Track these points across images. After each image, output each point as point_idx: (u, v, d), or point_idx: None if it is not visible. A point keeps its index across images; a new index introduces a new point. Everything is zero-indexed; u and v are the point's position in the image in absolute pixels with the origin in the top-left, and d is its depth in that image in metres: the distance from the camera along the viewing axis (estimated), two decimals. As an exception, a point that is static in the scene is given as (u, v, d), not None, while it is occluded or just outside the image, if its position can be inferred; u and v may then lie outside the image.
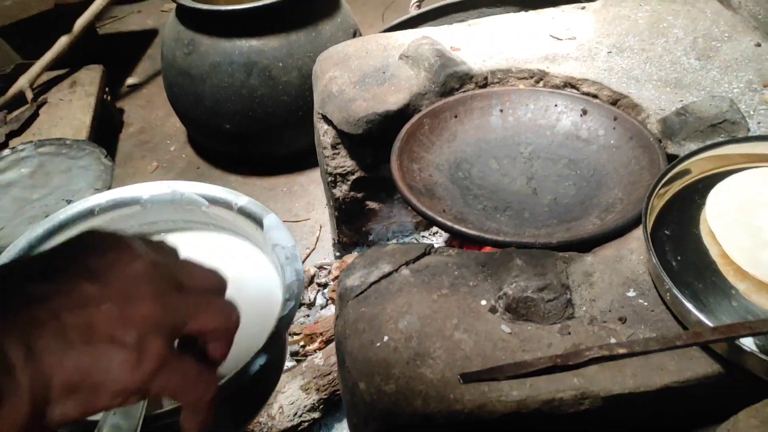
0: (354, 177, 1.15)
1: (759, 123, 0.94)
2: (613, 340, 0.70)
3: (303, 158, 1.65)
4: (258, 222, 0.76)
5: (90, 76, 1.80)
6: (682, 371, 0.67)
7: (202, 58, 1.49)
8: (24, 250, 0.73)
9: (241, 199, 0.78)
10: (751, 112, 0.95)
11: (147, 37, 2.34)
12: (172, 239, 0.80)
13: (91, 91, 1.74)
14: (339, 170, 1.15)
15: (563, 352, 0.67)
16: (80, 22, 1.78)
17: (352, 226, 1.24)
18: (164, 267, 0.42)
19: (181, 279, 0.43)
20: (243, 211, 0.77)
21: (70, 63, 1.83)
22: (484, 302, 0.76)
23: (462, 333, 0.72)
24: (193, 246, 0.81)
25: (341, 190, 1.17)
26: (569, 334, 0.71)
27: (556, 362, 0.60)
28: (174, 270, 0.43)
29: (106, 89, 1.84)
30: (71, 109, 1.69)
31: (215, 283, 0.46)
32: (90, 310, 0.37)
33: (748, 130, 0.91)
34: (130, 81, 2.11)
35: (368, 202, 1.20)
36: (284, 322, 0.63)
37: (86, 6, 1.80)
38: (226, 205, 0.78)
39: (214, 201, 0.79)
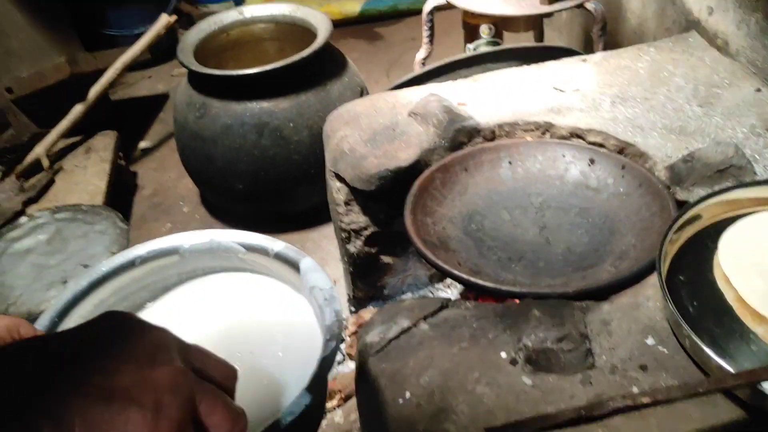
0: (368, 232, 1.17)
1: (765, 167, 0.95)
2: (635, 389, 0.70)
3: (315, 215, 1.67)
4: (294, 266, 0.77)
5: (104, 142, 1.85)
6: (707, 418, 0.66)
7: (214, 120, 1.52)
8: (69, 301, 0.76)
9: (277, 245, 0.79)
10: (757, 156, 0.97)
11: (158, 101, 2.40)
12: (211, 282, 0.83)
13: (105, 156, 1.78)
14: (353, 226, 1.17)
15: (586, 402, 0.67)
16: (94, 91, 1.83)
17: (367, 281, 1.25)
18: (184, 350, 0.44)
19: (196, 365, 0.44)
20: (279, 257, 0.79)
21: (84, 130, 1.88)
22: (504, 354, 0.76)
23: (484, 386, 0.73)
24: (231, 288, 0.83)
25: (355, 245, 1.19)
26: (591, 384, 0.71)
27: (581, 413, 0.61)
28: (189, 355, 0.44)
29: (120, 154, 1.88)
30: (87, 174, 1.73)
31: (228, 374, 0.47)
32: (112, 373, 0.39)
33: (755, 174, 0.93)
34: (142, 144, 2.16)
35: (382, 257, 1.22)
36: (327, 362, 0.64)
37: (100, 74, 1.86)
38: (263, 251, 0.80)
39: (250, 248, 0.81)
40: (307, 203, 1.63)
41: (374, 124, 1.17)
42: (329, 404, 1.17)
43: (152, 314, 0.82)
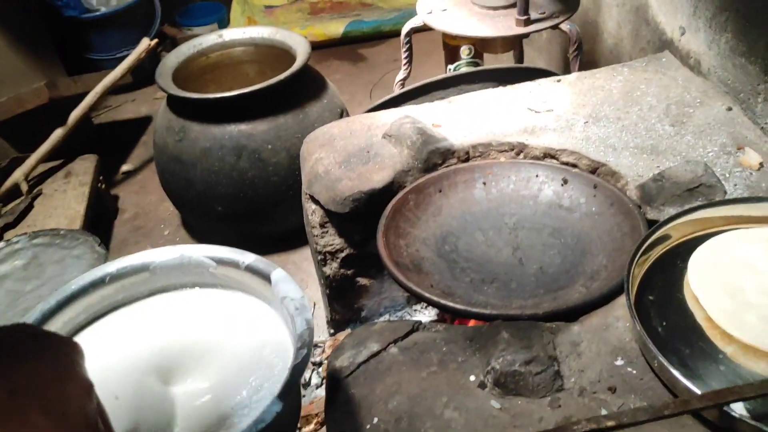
0: (343, 254, 1.16)
1: (735, 185, 0.96)
2: (603, 411, 0.69)
3: (295, 236, 1.66)
4: (265, 278, 0.78)
5: (84, 166, 1.84)
6: (675, 440, 0.66)
7: (193, 143, 1.52)
8: (38, 321, 0.76)
9: (247, 258, 0.81)
10: (727, 175, 0.97)
11: (141, 124, 2.39)
12: (181, 298, 0.84)
13: (85, 180, 1.77)
14: (328, 248, 1.16)
15: (554, 425, 0.67)
16: (74, 115, 1.83)
17: (344, 303, 1.24)
18: None
19: None
20: (250, 269, 0.80)
21: (65, 154, 1.87)
22: (473, 378, 0.75)
23: (452, 411, 0.72)
24: (201, 305, 0.84)
25: (331, 267, 1.18)
26: (560, 407, 0.71)
27: (545, 438, 0.60)
28: None
29: (101, 178, 1.87)
30: (66, 199, 1.72)
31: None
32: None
33: (725, 192, 0.93)
34: (124, 168, 2.15)
35: (359, 279, 1.21)
36: (298, 369, 0.66)
37: (81, 98, 1.85)
38: (234, 264, 0.81)
39: (221, 262, 0.82)
40: (287, 225, 1.63)
41: (349, 146, 1.17)
42: (306, 428, 1.16)
43: (111, 326, 0.82)
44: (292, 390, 0.64)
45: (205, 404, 0.71)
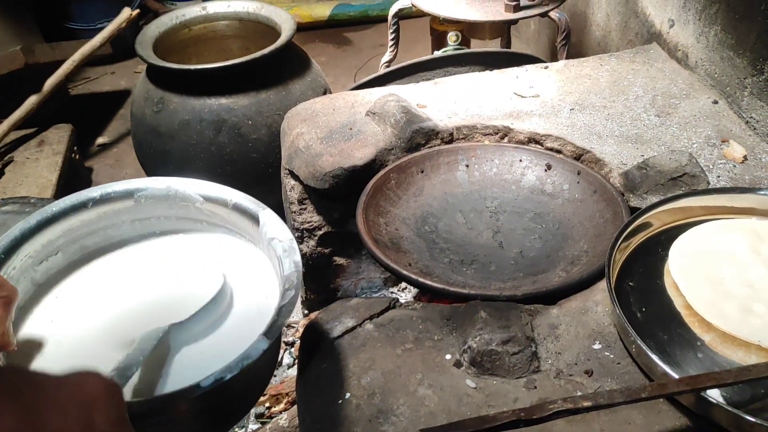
0: (321, 232, 1.14)
1: (718, 176, 0.95)
2: (579, 394, 0.68)
3: (273, 216, 1.64)
4: (253, 218, 0.76)
5: (58, 135, 1.79)
6: (651, 425, 0.65)
7: (172, 116, 1.49)
8: (17, 240, 0.73)
9: (236, 196, 0.78)
10: (711, 166, 0.97)
11: (119, 97, 2.35)
12: (167, 243, 0.81)
13: (58, 149, 1.73)
14: (306, 225, 1.14)
15: (529, 405, 0.66)
16: (50, 82, 1.78)
17: (320, 283, 1.22)
18: None
19: None
20: (238, 208, 0.78)
21: (39, 122, 1.82)
22: (449, 356, 0.74)
23: (426, 389, 0.70)
24: (188, 249, 0.81)
25: (308, 245, 1.16)
26: (535, 388, 0.70)
27: (520, 416, 0.58)
28: None
29: (75, 148, 1.83)
30: (38, 167, 1.68)
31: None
32: None
33: (708, 183, 0.93)
34: (100, 140, 2.11)
35: (336, 258, 1.19)
36: (285, 310, 0.64)
37: (57, 66, 1.81)
38: (221, 202, 0.78)
39: (208, 198, 0.79)
40: (265, 203, 1.59)
41: (331, 122, 1.15)
42: (276, 408, 1.14)
43: (104, 268, 0.79)
44: (278, 330, 0.63)
45: (194, 349, 0.68)
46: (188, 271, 0.77)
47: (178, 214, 0.81)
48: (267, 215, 0.76)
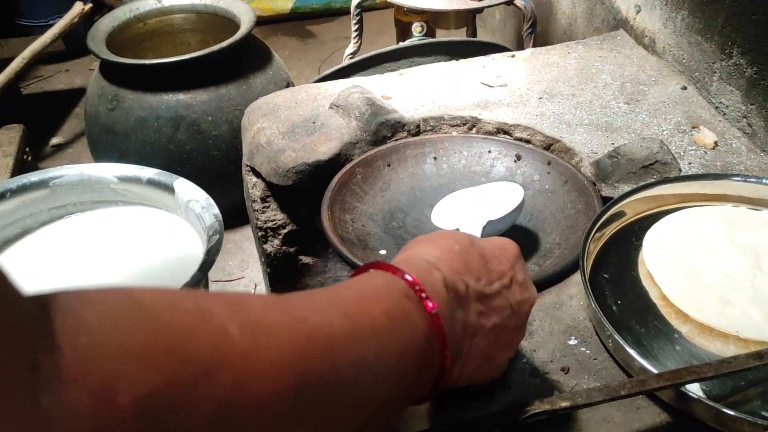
0: (286, 231, 1.10)
1: (690, 163, 0.94)
2: (556, 393, 0.66)
3: (236, 214, 1.58)
4: (168, 189, 0.83)
5: (9, 137, 1.71)
6: (630, 423, 0.63)
7: (127, 113, 1.43)
8: None
9: (148, 172, 0.84)
10: (682, 153, 0.95)
11: (74, 96, 2.26)
12: (83, 220, 0.85)
13: (9, 151, 1.65)
14: (269, 224, 1.10)
15: (504, 408, 0.63)
16: (-1, 80, 1.71)
17: (286, 283, 1.18)
18: None
19: None
20: (152, 182, 0.84)
21: (-11, 123, 1.74)
22: (419, 358, 0.71)
23: (397, 393, 0.67)
24: (105, 223, 0.85)
25: (272, 245, 1.12)
26: (510, 388, 0.67)
27: (496, 423, 0.56)
28: None
29: (27, 150, 1.75)
30: (-13, 170, 1.60)
31: None
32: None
33: (680, 170, 0.91)
34: (54, 141, 2.03)
35: (302, 257, 1.15)
36: (213, 249, 0.75)
37: (6, 64, 1.73)
38: (135, 179, 0.84)
39: (122, 178, 0.84)
40: (228, 202, 1.54)
41: (294, 116, 1.11)
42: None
43: (21, 251, 0.82)
44: (209, 265, 0.74)
45: None
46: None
47: (94, 198, 0.85)
48: (181, 183, 0.82)
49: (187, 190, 0.82)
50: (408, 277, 0.46)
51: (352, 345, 0.38)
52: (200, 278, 0.69)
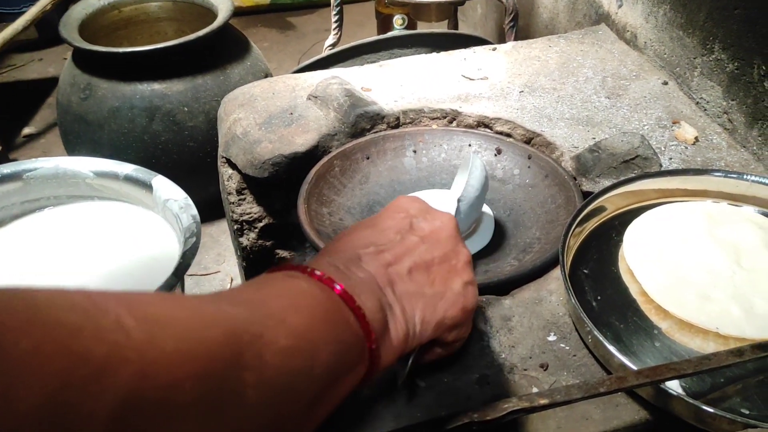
0: (262, 224, 1.08)
1: (670, 158, 0.93)
2: (535, 390, 0.65)
3: (212, 207, 1.56)
4: (146, 186, 0.80)
5: (-21, 125, 1.67)
6: (608, 420, 0.62)
7: (100, 103, 1.40)
8: None
9: (126, 168, 0.82)
10: (663, 148, 0.95)
11: (47, 85, 2.21)
12: (57, 214, 0.82)
13: (-21, 140, 1.61)
14: (245, 217, 1.07)
15: (482, 405, 0.61)
16: (-32, 69, 1.66)
17: (262, 277, 1.16)
18: None
19: None
20: (129, 179, 0.81)
21: (-42, 112, 1.70)
22: (396, 354, 0.69)
23: (372, 389, 0.65)
24: (79, 218, 0.83)
25: (248, 238, 1.09)
26: (489, 384, 0.66)
27: (473, 418, 0.54)
28: None
29: (-2, 139, 1.71)
30: (-44, 160, 1.56)
31: None
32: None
33: (660, 165, 0.90)
34: (26, 131, 1.98)
35: (278, 251, 1.13)
36: (189, 253, 0.73)
37: (-24, 51, 1.69)
38: (112, 175, 0.82)
39: (99, 173, 0.82)
40: (204, 195, 1.52)
41: (271, 107, 1.08)
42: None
43: None
44: (184, 270, 0.71)
45: None
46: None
47: (69, 192, 0.82)
48: (159, 181, 0.80)
49: (165, 188, 0.80)
50: (294, 265, 0.52)
51: (249, 328, 0.39)
52: (174, 283, 0.67)
